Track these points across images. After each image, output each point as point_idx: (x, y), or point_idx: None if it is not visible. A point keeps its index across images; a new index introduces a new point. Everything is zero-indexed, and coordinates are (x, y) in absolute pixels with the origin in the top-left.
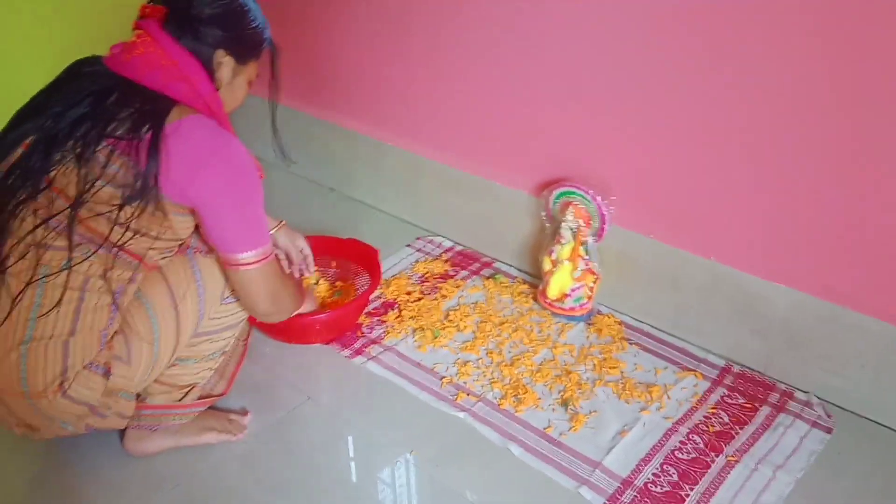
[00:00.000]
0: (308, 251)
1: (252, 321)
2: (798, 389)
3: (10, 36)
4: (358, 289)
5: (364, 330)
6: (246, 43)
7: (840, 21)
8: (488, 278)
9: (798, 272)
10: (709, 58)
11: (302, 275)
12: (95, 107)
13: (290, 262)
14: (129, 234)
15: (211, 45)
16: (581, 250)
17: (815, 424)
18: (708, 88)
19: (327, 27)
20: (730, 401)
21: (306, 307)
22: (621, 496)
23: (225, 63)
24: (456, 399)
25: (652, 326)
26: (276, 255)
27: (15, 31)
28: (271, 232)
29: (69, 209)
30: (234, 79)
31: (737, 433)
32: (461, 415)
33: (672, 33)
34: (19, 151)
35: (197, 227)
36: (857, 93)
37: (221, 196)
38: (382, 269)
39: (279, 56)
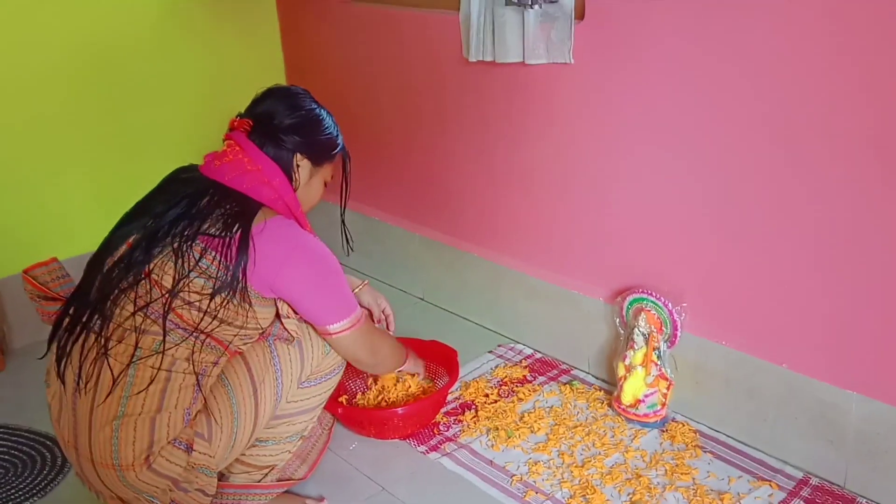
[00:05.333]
0: (389, 311)
1: (332, 411)
2: None
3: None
4: (437, 387)
5: (441, 428)
6: (321, 147)
7: None
8: (565, 384)
9: (872, 380)
10: (781, 167)
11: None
12: (191, 207)
13: (372, 320)
14: (215, 322)
15: (290, 150)
16: (653, 356)
17: None
18: (779, 196)
19: (419, 148)
20: None
21: (415, 368)
22: None
23: (303, 165)
24: (524, 496)
25: (727, 436)
26: (367, 317)
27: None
28: (355, 291)
29: (166, 296)
30: (310, 179)
31: None
32: None
33: (743, 145)
34: (123, 248)
35: (277, 316)
36: None
37: (305, 283)
38: (463, 373)
39: (350, 160)
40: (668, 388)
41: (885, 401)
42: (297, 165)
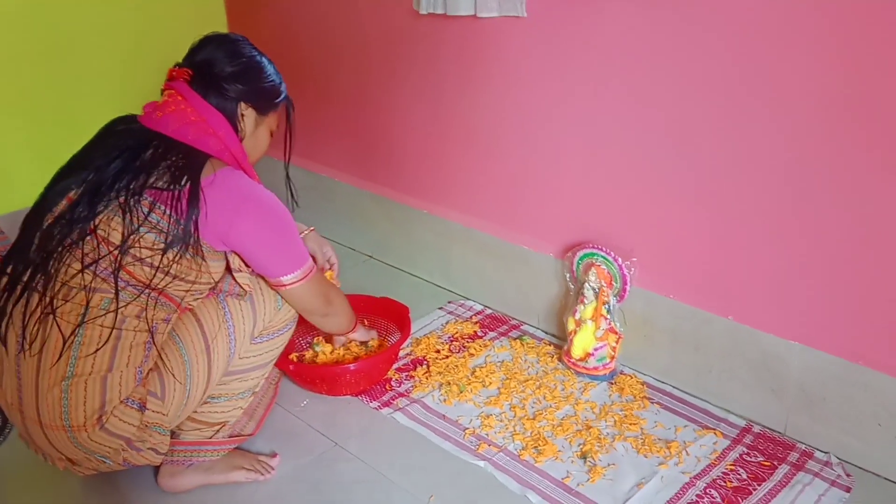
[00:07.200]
0: (335, 259)
1: (283, 368)
2: (818, 449)
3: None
4: (388, 344)
5: (393, 384)
6: (265, 95)
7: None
8: (515, 339)
9: (813, 330)
10: (727, 124)
11: None
12: (133, 160)
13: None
14: (168, 278)
15: (234, 100)
16: (603, 310)
17: (833, 483)
18: (726, 152)
19: (368, 103)
20: (749, 459)
21: (366, 335)
22: None
23: (247, 114)
24: (477, 449)
25: (674, 387)
26: (317, 270)
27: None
28: (304, 232)
29: (115, 253)
30: (256, 129)
31: (754, 489)
32: (482, 463)
33: (691, 101)
34: (63, 203)
35: (227, 270)
36: (876, 159)
37: (258, 234)
38: (414, 330)
39: (294, 109)
40: (617, 342)
41: (826, 350)
42: (242, 115)
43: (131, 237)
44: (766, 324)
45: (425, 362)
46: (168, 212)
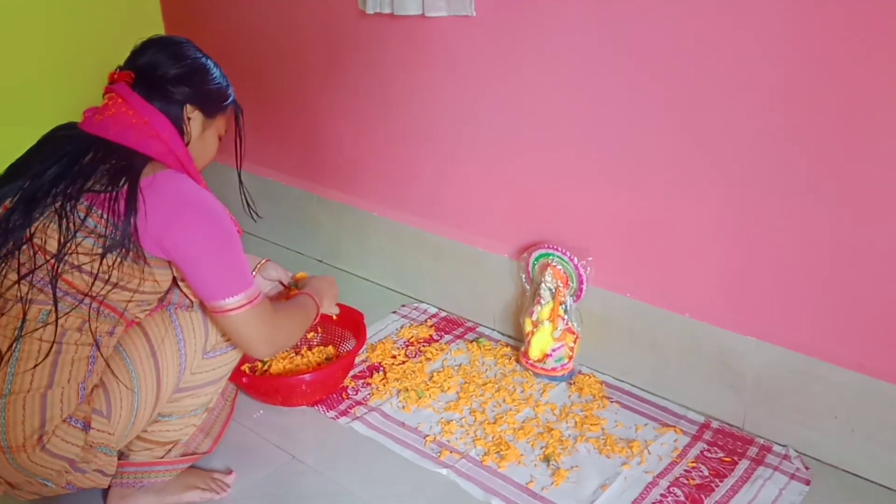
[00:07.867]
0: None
1: (236, 381)
2: (776, 443)
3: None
4: (344, 352)
5: (349, 392)
6: (211, 97)
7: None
8: (472, 342)
9: (768, 325)
10: (679, 121)
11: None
12: (72, 165)
13: (286, 289)
14: (108, 287)
15: (180, 102)
16: (560, 310)
17: (793, 477)
18: (679, 150)
19: (314, 105)
20: (709, 455)
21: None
22: None
23: (194, 118)
24: (439, 456)
25: (632, 385)
26: (263, 296)
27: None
28: (260, 263)
29: (52, 262)
30: (203, 132)
31: (717, 486)
32: (444, 471)
33: (642, 99)
34: None
35: (175, 282)
36: (830, 154)
37: (197, 244)
38: (369, 335)
39: (243, 114)
40: (574, 342)
41: (782, 345)
42: (188, 118)
43: (68, 244)
44: (722, 320)
45: (382, 369)
46: (105, 215)
